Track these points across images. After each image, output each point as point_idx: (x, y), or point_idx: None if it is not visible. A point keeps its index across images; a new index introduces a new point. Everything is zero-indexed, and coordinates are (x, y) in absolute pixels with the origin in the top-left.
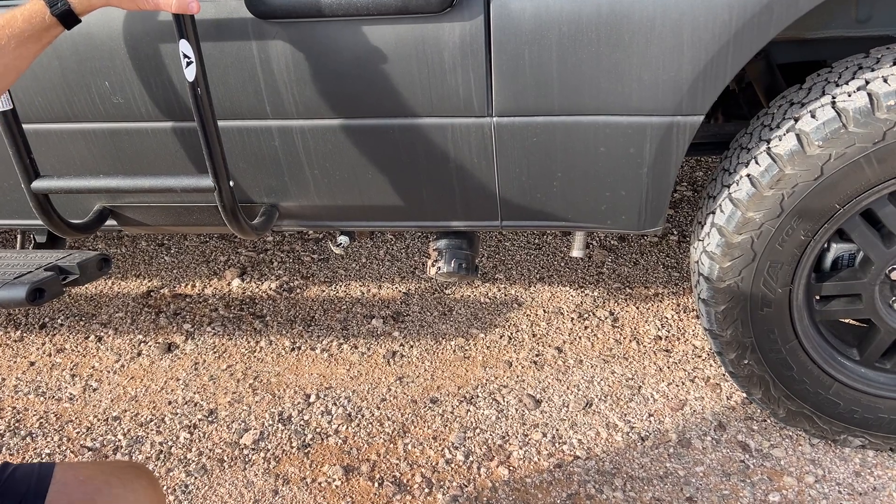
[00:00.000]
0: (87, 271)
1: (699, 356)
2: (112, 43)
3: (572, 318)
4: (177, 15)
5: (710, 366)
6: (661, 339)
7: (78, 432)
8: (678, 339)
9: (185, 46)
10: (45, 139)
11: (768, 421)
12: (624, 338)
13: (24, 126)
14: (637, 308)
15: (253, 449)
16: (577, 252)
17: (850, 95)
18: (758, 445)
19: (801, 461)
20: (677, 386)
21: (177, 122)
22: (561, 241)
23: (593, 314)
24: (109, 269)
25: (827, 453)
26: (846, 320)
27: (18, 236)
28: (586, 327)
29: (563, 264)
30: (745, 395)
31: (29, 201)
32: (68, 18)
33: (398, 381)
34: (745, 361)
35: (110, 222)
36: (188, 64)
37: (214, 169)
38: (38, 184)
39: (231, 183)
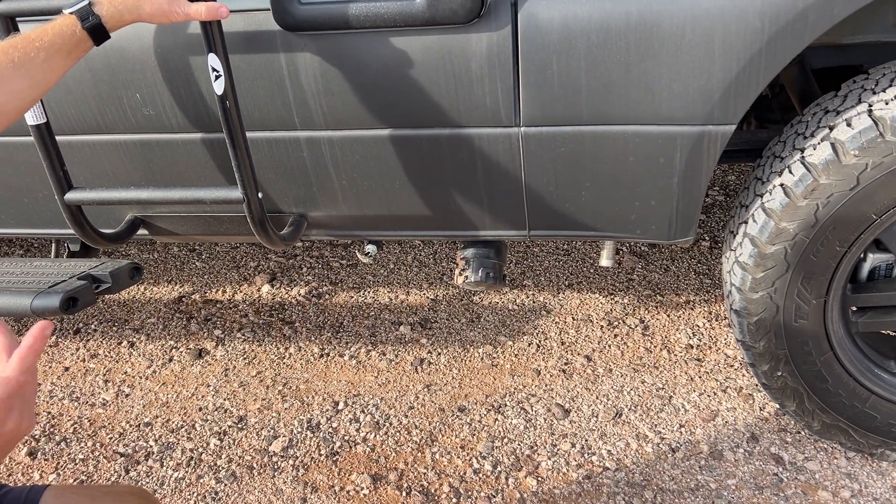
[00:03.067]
0: (119, 280)
1: (731, 366)
2: (143, 56)
3: (602, 326)
4: (205, 28)
5: (743, 376)
6: (692, 347)
7: (111, 438)
8: (710, 347)
9: (213, 60)
10: (77, 150)
11: (802, 433)
12: (654, 346)
13: (57, 138)
14: (668, 316)
15: (282, 456)
16: (606, 261)
17: (887, 104)
18: (791, 458)
19: (837, 475)
20: (709, 396)
21: (206, 134)
22: (590, 248)
23: (623, 322)
24: (140, 278)
25: (864, 467)
26: (884, 332)
27: (53, 245)
28: (616, 335)
29: (592, 271)
30: (778, 406)
31: (62, 212)
32: (98, 33)
33: (426, 389)
34: (779, 373)
35: (141, 231)
36: (217, 77)
37: (243, 180)
38: (71, 195)
39: (260, 194)
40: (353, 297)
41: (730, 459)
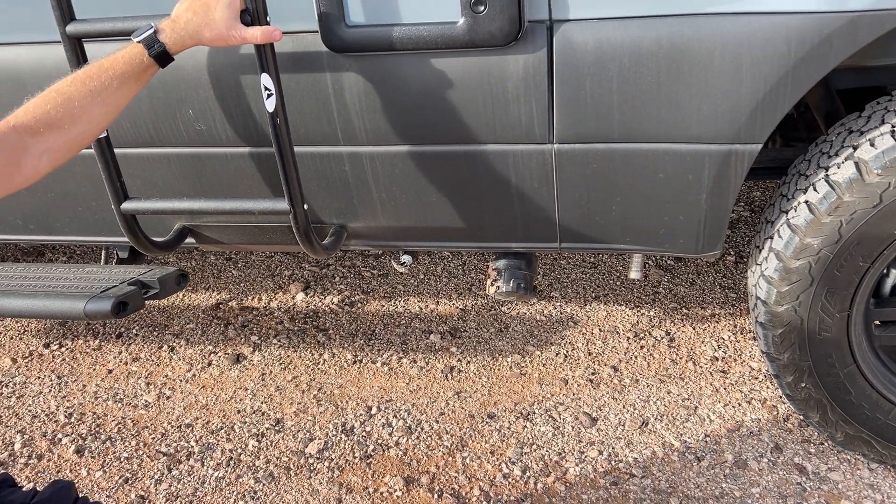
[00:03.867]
0: (167, 286)
1: (756, 378)
2: (197, 74)
3: (628, 338)
4: (259, 49)
5: (767, 387)
6: (717, 359)
7: (153, 438)
8: (735, 360)
9: (266, 80)
10: (131, 162)
11: (826, 444)
12: (680, 358)
13: (115, 150)
14: (693, 328)
15: (318, 458)
16: (634, 274)
17: None
18: (815, 468)
19: (860, 485)
20: (734, 407)
21: (254, 148)
22: (616, 261)
23: (649, 334)
24: (186, 284)
25: (886, 478)
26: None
27: (103, 252)
28: (642, 347)
29: (618, 283)
30: (802, 418)
31: (118, 221)
32: (163, 58)
33: (456, 396)
34: (803, 385)
35: (188, 240)
36: (269, 96)
37: (290, 193)
38: (127, 205)
39: (305, 206)
40: (384, 305)
41: (754, 468)
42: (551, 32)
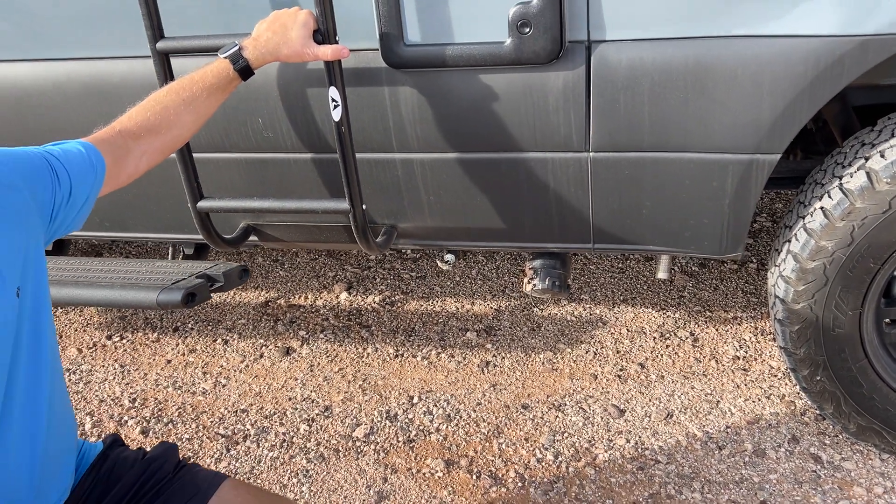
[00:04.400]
0: (230, 279)
1: (775, 375)
2: (267, 87)
3: (654, 338)
4: (328, 65)
5: (786, 384)
6: (739, 358)
7: (212, 421)
8: (755, 359)
9: (333, 92)
10: (203, 165)
11: (840, 436)
12: (703, 357)
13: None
14: (716, 330)
15: (364, 441)
16: (662, 274)
17: None
18: (829, 458)
19: (871, 474)
20: (754, 402)
21: (315, 154)
22: (644, 266)
23: (674, 334)
24: (247, 278)
25: None
26: None
27: (170, 248)
28: (668, 346)
29: (645, 287)
30: (817, 410)
31: (193, 218)
32: (246, 72)
33: (492, 388)
34: (818, 378)
35: (252, 238)
36: (335, 106)
37: (350, 194)
38: (202, 204)
39: (364, 206)
40: (423, 305)
41: (772, 457)
42: (589, 52)
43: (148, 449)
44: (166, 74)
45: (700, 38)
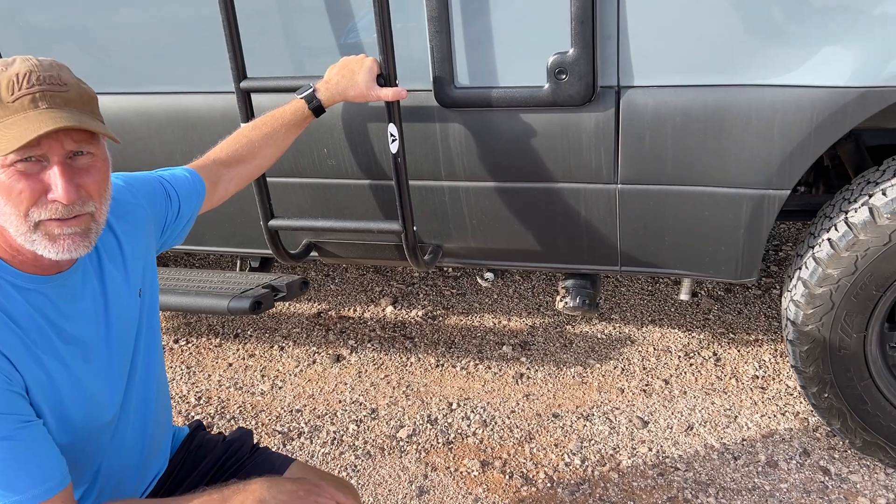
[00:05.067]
0: (292, 290)
1: (791, 394)
2: (332, 122)
3: (679, 356)
4: (388, 105)
5: (800, 402)
6: (758, 378)
7: (269, 419)
8: (773, 378)
9: (392, 128)
10: (276, 189)
11: (849, 451)
12: (725, 375)
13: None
14: (738, 351)
15: (407, 441)
16: (684, 295)
17: None
18: (837, 471)
19: (876, 486)
20: (769, 418)
21: (373, 181)
22: (671, 289)
23: (698, 353)
24: (307, 290)
25: None
26: None
27: (238, 261)
28: (691, 364)
29: (672, 309)
30: (826, 425)
31: (264, 234)
32: (319, 111)
33: (525, 398)
34: (826, 395)
35: (313, 253)
36: (393, 140)
37: (403, 216)
38: (273, 222)
39: (414, 228)
40: (462, 320)
41: (783, 468)
42: (619, 96)
43: (227, 433)
44: (247, 110)
45: (718, 86)
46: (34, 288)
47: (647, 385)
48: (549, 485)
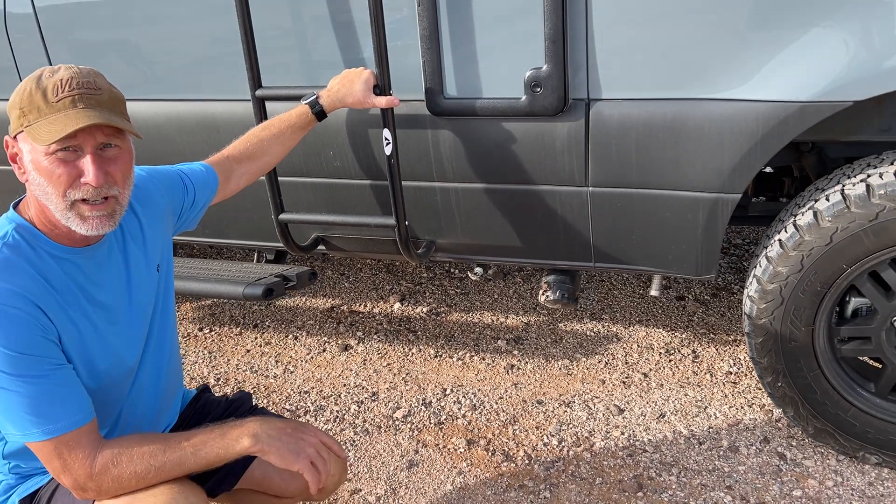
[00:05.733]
0: (302, 280)
1: (759, 389)
2: (337, 126)
3: (660, 353)
4: (383, 111)
5: (767, 396)
6: (731, 373)
7: (279, 399)
8: (745, 375)
9: (386, 133)
10: (286, 187)
11: (806, 441)
12: (701, 370)
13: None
14: (716, 349)
15: (402, 421)
16: (654, 291)
17: (854, 185)
18: (793, 456)
19: (826, 470)
20: (737, 409)
21: (373, 181)
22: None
23: (678, 351)
24: (316, 280)
25: (849, 467)
26: (865, 360)
27: (255, 254)
28: (671, 360)
29: (659, 311)
30: (781, 412)
31: (275, 227)
32: (321, 115)
33: (513, 386)
34: (779, 384)
35: (320, 247)
36: (387, 144)
37: (397, 212)
38: (282, 216)
39: (407, 223)
40: (463, 317)
41: (743, 453)
42: (588, 107)
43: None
44: (262, 114)
45: (675, 99)
46: (67, 258)
47: (627, 377)
48: (527, 461)
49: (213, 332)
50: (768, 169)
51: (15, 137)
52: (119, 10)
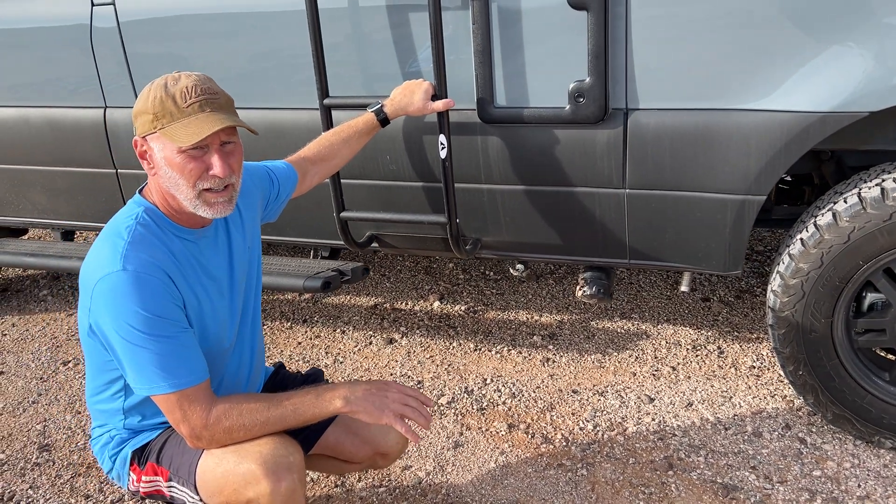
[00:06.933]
0: (356, 274)
1: (782, 381)
2: (394, 132)
3: (687, 349)
4: (440, 117)
5: (789, 388)
6: (754, 368)
7: None
8: (768, 369)
9: (442, 138)
10: (347, 188)
11: (826, 427)
12: (726, 365)
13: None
14: (740, 346)
15: (447, 407)
16: (684, 287)
17: (870, 188)
18: (813, 441)
19: (844, 454)
20: (760, 399)
21: (425, 183)
22: (686, 293)
23: (704, 347)
24: (368, 275)
25: (866, 451)
26: (880, 351)
27: (312, 251)
28: (697, 355)
29: (686, 311)
30: (802, 399)
31: (336, 224)
32: (384, 122)
33: (549, 377)
34: (800, 372)
35: (374, 244)
36: (443, 148)
37: (448, 211)
38: (344, 214)
39: (457, 220)
40: (500, 314)
41: (766, 438)
42: (626, 117)
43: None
44: (329, 122)
45: (706, 109)
46: (186, 237)
47: (656, 370)
48: (564, 444)
49: (265, 327)
50: (788, 178)
51: (144, 137)
52: (195, 26)
